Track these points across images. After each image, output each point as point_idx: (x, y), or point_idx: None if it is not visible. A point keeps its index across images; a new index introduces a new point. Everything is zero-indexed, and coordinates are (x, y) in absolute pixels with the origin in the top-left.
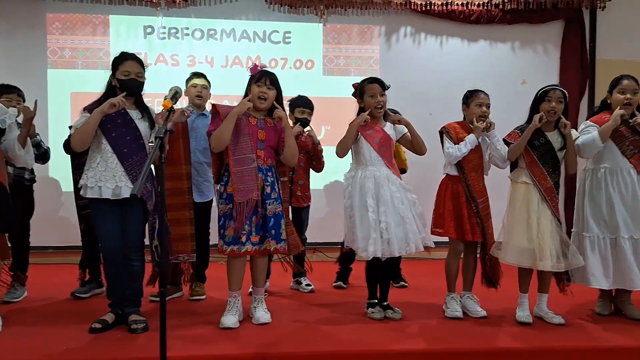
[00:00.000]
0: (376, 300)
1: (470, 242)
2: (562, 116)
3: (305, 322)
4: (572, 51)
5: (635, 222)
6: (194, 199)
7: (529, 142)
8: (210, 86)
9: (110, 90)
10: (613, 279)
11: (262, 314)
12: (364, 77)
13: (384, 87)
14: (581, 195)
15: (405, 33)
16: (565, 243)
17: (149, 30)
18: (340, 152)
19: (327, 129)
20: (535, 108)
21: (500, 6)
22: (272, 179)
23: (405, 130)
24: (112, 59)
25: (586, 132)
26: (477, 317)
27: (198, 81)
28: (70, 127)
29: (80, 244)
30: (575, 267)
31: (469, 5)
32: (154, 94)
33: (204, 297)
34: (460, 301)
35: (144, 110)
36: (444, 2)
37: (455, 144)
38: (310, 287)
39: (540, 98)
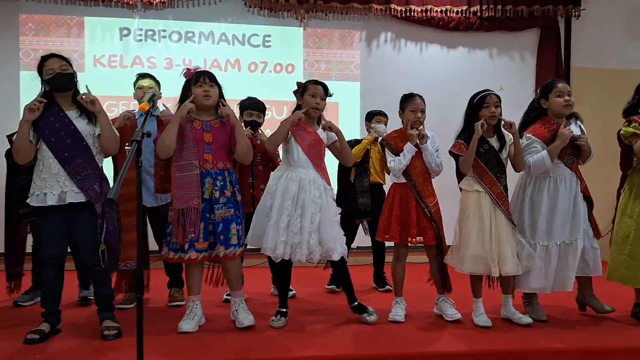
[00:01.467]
0: (285, 309)
1: (430, 246)
2: (501, 118)
3: (286, 328)
4: (547, 59)
5: (575, 224)
6: (147, 203)
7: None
8: (159, 86)
9: (46, 95)
10: (553, 283)
11: (244, 316)
12: (345, 82)
13: (327, 92)
14: (520, 201)
15: (385, 38)
16: (520, 245)
17: (125, 32)
18: (270, 147)
19: None
20: (472, 115)
21: (478, 14)
22: (222, 182)
23: (335, 138)
24: (87, 61)
25: (533, 150)
26: (452, 320)
27: (144, 82)
28: (9, 136)
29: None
30: (532, 268)
31: (448, 13)
32: (130, 97)
33: (182, 303)
34: (435, 310)
35: (82, 107)
36: (424, 8)
37: (396, 154)
38: (291, 293)
39: (478, 105)
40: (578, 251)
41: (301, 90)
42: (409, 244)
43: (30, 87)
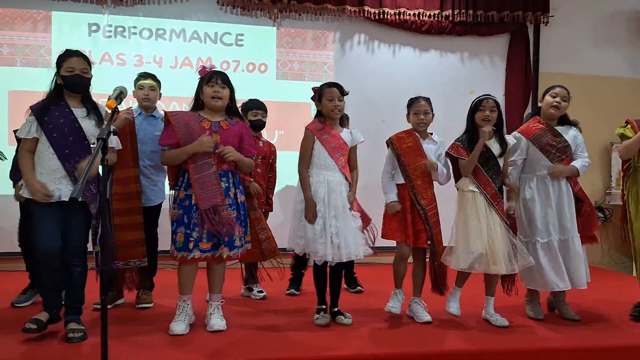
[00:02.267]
0: (325, 306)
1: (418, 248)
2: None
3: (256, 329)
4: (517, 63)
5: (563, 225)
6: (148, 203)
7: (471, 152)
8: (160, 87)
9: (55, 89)
10: (544, 283)
11: (217, 321)
12: (318, 82)
13: (342, 92)
14: (521, 205)
15: (359, 40)
16: (513, 245)
17: (94, 27)
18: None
19: (280, 134)
20: (472, 118)
21: (450, 18)
22: (226, 184)
23: (361, 139)
24: (54, 56)
25: (511, 167)
26: (421, 322)
27: (145, 82)
28: (15, 131)
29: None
30: (526, 267)
31: (421, 16)
32: (98, 94)
33: (151, 305)
34: (407, 314)
35: (91, 108)
36: (397, 11)
37: (397, 154)
38: (262, 294)
39: (475, 108)
40: (576, 247)
41: (318, 95)
42: (407, 244)
43: None
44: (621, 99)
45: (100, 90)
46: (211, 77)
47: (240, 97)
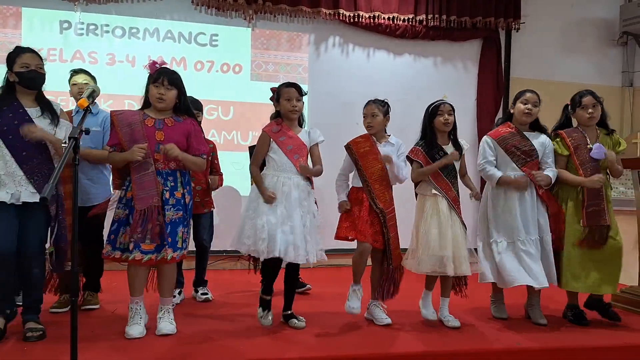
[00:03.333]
0: (269, 297)
1: (376, 249)
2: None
3: (203, 333)
4: (488, 69)
5: (532, 226)
6: (80, 203)
7: (431, 157)
8: (95, 82)
9: (8, 87)
10: (510, 279)
11: (165, 325)
12: None
13: (301, 92)
14: (483, 205)
15: (334, 43)
16: (470, 250)
17: (65, 25)
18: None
19: (254, 135)
20: (428, 123)
21: (424, 22)
22: (172, 183)
23: (320, 139)
24: None
25: (486, 161)
26: (381, 324)
27: (78, 78)
28: None
29: None
30: (479, 271)
31: (395, 20)
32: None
33: (97, 306)
34: (365, 316)
35: (45, 106)
36: (372, 15)
37: (355, 159)
38: (205, 297)
39: (433, 113)
40: (546, 248)
41: (276, 95)
42: (360, 240)
43: None
44: None
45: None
46: (158, 77)
47: (215, 98)
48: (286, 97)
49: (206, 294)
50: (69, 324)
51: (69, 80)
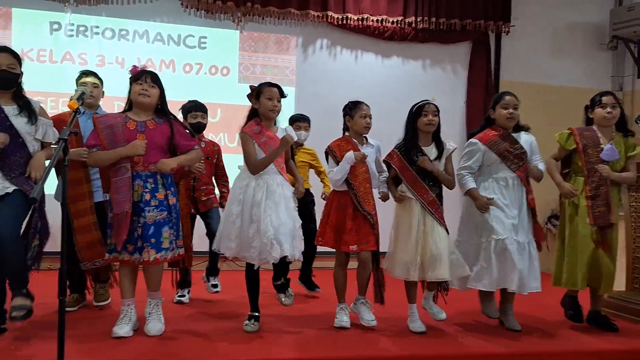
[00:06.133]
0: (257, 314)
1: (364, 252)
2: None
3: (202, 333)
4: (478, 71)
5: (522, 228)
6: (96, 198)
7: (407, 159)
8: (102, 84)
9: None
10: (497, 281)
11: (153, 325)
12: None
13: (282, 94)
14: (468, 206)
15: (321, 45)
16: (452, 252)
17: (55, 26)
18: (254, 172)
19: None
20: (411, 123)
21: (413, 25)
22: (152, 185)
23: (296, 138)
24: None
25: (468, 169)
26: (368, 326)
27: (87, 79)
28: None
29: None
30: (460, 276)
31: (384, 22)
32: (59, 94)
33: (108, 301)
34: (351, 309)
35: (23, 104)
36: (360, 17)
37: (339, 162)
38: (215, 290)
39: (417, 113)
40: (532, 251)
41: (255, 93)
42: (345, 252)
43: None
44: (578, 109)
45: (62, 89)
46: (140, 76)
47: (202, 100)
48: (268, 95)
49: (216, 285)
50: (75, 322)
51: (77, 81)
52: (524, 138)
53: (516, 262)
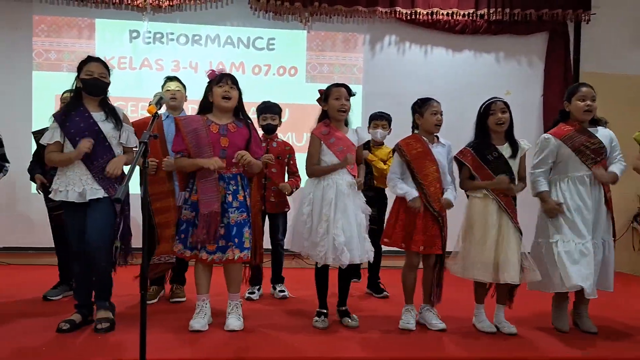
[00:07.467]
0: (325, 311)
1: (428, 255)
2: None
3: (273, 329)
4: (556, 63)
5: (599, 228)
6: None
7: (482, 158)
8: (185, 89)
9: (76, 93)
10: (591, 282)
11: (232, 321)
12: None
13: (350, 92)
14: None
15: (389, 42)
16: (524, 255)
17: (134, 34)
18: (310, 175)
19: (309, 137)
20: (481, 123)
21: (485, 17)
22: (234, 187)
23: (368, 137)
24: None
25: (541, 171)
26: (435, 329)
27: (171, 85)
28: (33, 133)
29: (51, 245)
30: (532, 280)
31: (454, 16)
32: (138, 99)
33: (184, 299)
34: (418, 313)
35: (109, 111)
36: (429, 11)
37: (407, 160)
38: (282, 294)
39: (485, 113)
40: (608, 252)
41: (324, 96)
42: (415, 252)
43: (42, 86)
44: None
45: (140, 94)
46: (221, 79)
47: (272, 101)
48: (335, 96)
49: (283, 291)
50: (150, 315)
51: (162, 86)
52: (602, 133)
53: (589, 264)
